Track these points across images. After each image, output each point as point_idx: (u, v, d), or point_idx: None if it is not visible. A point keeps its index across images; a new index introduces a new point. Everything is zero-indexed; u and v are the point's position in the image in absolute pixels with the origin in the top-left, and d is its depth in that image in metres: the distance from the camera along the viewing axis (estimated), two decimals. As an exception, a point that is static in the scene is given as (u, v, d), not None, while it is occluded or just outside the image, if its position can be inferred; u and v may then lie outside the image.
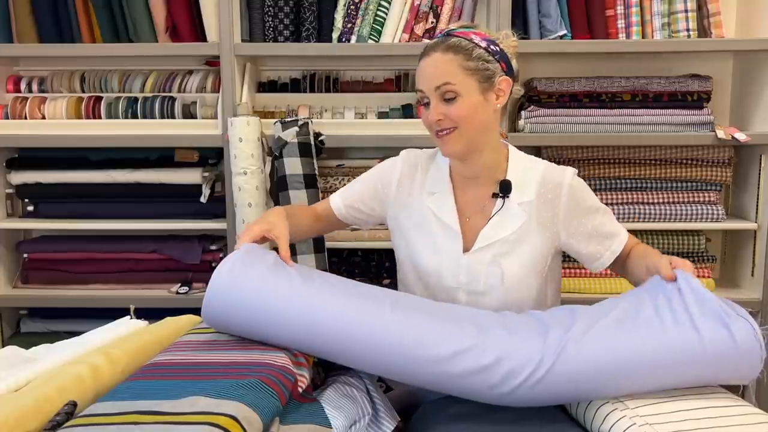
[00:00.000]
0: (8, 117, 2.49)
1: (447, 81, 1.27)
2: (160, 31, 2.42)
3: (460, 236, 1.36)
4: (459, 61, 1.27)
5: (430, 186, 1.42)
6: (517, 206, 1.35)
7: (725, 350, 1.05)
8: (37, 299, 2.52)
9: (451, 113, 1.29)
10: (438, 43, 1.30)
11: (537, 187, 1.36)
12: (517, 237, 1.35)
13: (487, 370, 1.09)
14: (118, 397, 0.91)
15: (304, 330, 1.13)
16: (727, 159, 2.44)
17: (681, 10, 2.37)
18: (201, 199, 2.47)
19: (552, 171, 1.39)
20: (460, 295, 1.37)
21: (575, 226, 1.37)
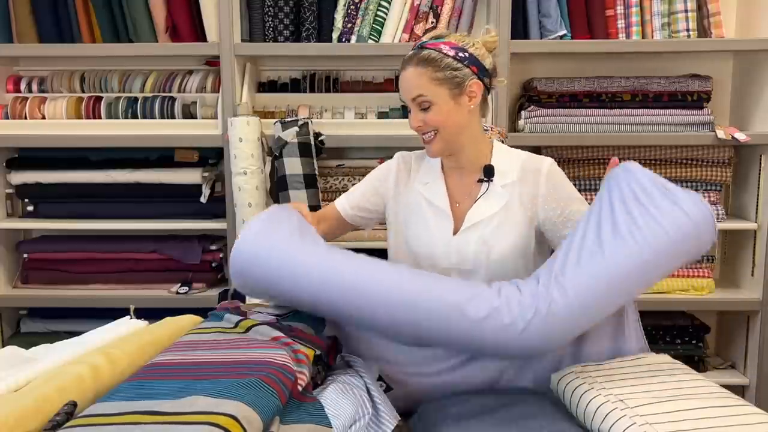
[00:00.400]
0: (8, 117, 2.49)
1: (420, 93, 1.42)
2: (160, 31, 2.42)
3: (451, 218, 1.49)
4: (429, 73, 1.41)
5: (423, 177, 1.55)
6: (501, 188, 1.48)
7: (685, 227, 1.21)
8: (37, 299, 2.52)
9: (428, 120, 1.43)
10: (411, 56, 1.44)
11: (518, 172, 1.49)
12: (502, 216, 1.47)
13: (498, 312, 1.19)
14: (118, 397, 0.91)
15: (327, 283, 1.25)
16: (727, 159, 2.44)
17: (681, 10, 2.37)
18: (201, 199, 2.47)
19: (532, 158, 1.52)
20: (452, 276, 1.46)
21: (553, 208, 1.48)
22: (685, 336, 2.51)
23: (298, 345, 1.15)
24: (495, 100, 2.36)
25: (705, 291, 2.45)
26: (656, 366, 1.24)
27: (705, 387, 1.13)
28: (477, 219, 1.46)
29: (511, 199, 1.47)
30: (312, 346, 1.19)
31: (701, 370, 2.46)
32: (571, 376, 1.21)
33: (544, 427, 1.09)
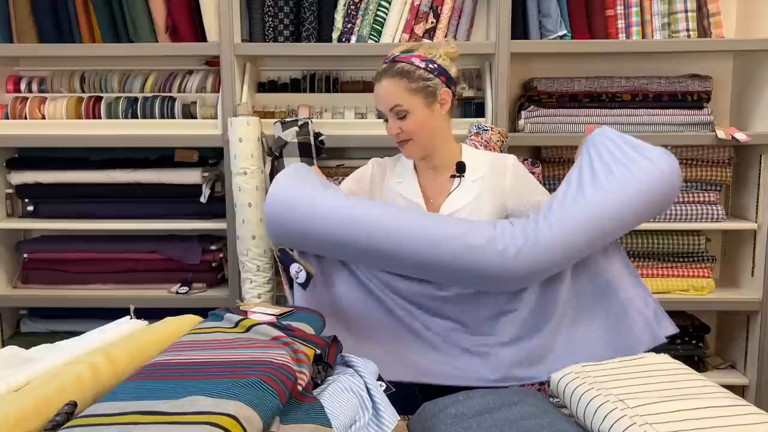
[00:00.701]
0: (8, 117, 2.49)
1: (397, 103, 1.57)
2: (160, 31, 2.42)
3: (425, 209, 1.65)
4: (404, 84, 1.56)
5: (397, 177, 1.71)
6: (471, 182, 1.64)
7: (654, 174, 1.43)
8: (37, 299, 2.52)
9: (405, 127, 1.58)
10: (386, 69, 1.58)
11: (487, 168, 1.65)
12: (473, 207, 1.62)
13: (494, 240, 1.41)
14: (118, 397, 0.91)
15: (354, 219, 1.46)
16: (727, 159, 2.44)
17: (681, 10, 2.37)
18: (201, 199, 2.47)
19: (499, 156, 1.71)
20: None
21: (518, 196, 1.65)
22: (685, 336, 2.51)
23: (298, 345, 1.15)
24: (495, 100, 2.36)
25: (705, 291, 2.46)
26: (656, 366, 1.23)
27: (705, 387, 1.13)
28: (450, 210, 1.62)
29: (481, 192, 1.63)
30: (312, 346, 1.19)
31: (701, 370, 2.47)
32: (571, 376, 1.21)
33: (544, 427, 1.09)
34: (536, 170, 2.32)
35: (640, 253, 2.48)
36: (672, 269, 2.48)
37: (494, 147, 2.30)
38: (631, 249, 2.47)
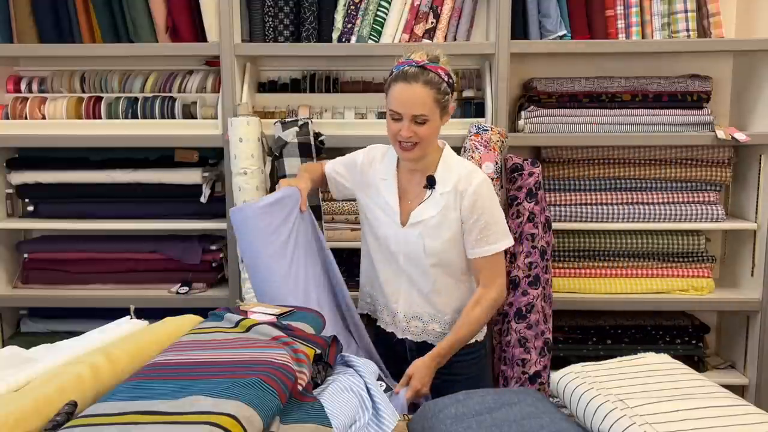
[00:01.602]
0: (8, 117, 2.49)
1: (424, 111, 1.62)
2: (160, 31, 2.42)
3: (398, 214, 1.75)
4: (433, 95, 1.62)
5: (381, 174, 1.80)
6: (440, 195, 1.71)
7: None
8: (37, 299, 2.52)
9: (419, 133, 1.64)
10: (418, 74, 1.61)
11: (454, 183, 1.71)
12: (438, 219, 1.71)
13: None
14: (118, 397, 0.91)
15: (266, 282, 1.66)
16: (727, 159, 2.44)
17: (681, 11, 2.37)
18: (201, 199, 2.47)
19: (468, 172, 1.73)
20: (400, 258, 1.75)
21: (467, 216, 1.71)
22: (685, 336, 2.51)
23: (298, 344, 1.15)
24: (495, 101, 2.36)
25: (705, 291, 2.46)
26: (656, 366, 1.24)
27: (705, 387, 1.13)
28: (418, 219, 1.72)
29: (447, 205, 1.71)
30: (312, 346, 1.19)
31: (701, 370, 2.47)
32: (571, 376, 1.22)
33: (544, 427, 1.09)
34: (536, 170, 2.32)
35: (640, 253, 2.48)
36: (672, 269, 2.48)
37: (494, 147, 2.30)
38: (631, 249, 2.47)
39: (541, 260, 2.29)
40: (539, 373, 2.27)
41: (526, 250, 2.29)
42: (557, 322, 2.43)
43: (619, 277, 2.48)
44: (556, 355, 2.42)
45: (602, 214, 2.44)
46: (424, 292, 1.76)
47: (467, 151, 2.33)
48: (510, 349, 2.30)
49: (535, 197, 2.30)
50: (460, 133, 2.38)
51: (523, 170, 2.33)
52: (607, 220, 2.44)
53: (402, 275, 1.77)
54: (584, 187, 2.46)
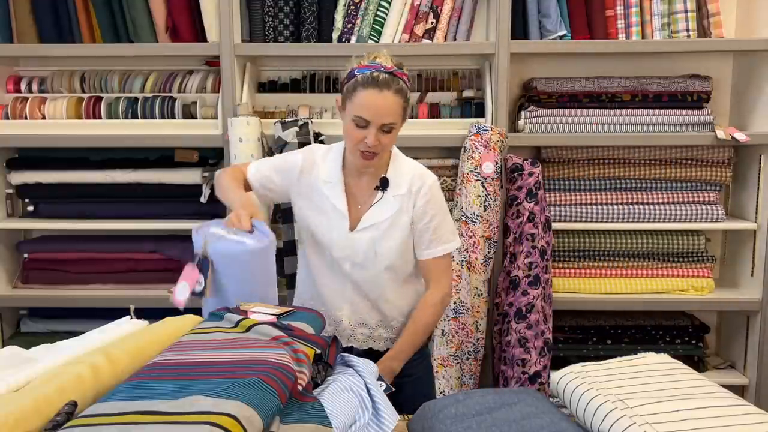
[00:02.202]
0: (8, 117, 2.49)
1: (394, 120, 1.55)
2: (160, 31, 2.42)
3: (347, 218, 1.65)
4: (402, 103, 1.55)
5: (325, 176, 1.67)
6: (392, 198, 1.65)
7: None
8: (37, 299, 2.52)
9: (384, 141, 1.56)
10: (389, 81, 1.54)
11: (408, 184, 1.66)
12: (390, 222, 1.65)
13: None
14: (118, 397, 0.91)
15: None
16: (727, 159, 2.44)
17: (681, 11, 2.37)
18: (201, 199, 2.47)
19: (419, 173, 1.69)
20: (346, 265, 1.66)
21: (420, 218, 1.67)
22: (685, 336, 2.51)
23: (298, 344, 1.15)
24: (495, 100, 2.36)
25: (705, 291, 2.46)
26: (656, 366, 1.23)
27: (705, 387, 1.13)
28: (370, 223, 1.64)
29: (401, 208, 1.65)
30: (312, 346, 1.19)
31: (701, 370, 2.47)
32: (571, 376, 1.21)
33: (544, 427, 1.09)
34: (536, 170, 2.32)
35: (640, 253, 2.48)
36: (672, 269, 2.48)
37: (494, 147, 2.30)
38: (631, 249, 2.47)
39: (541, 260, 2.29)
40: (539, 373, 2.27)
41: (526, 250, 2.29)
42: (557, 322, 2.43)
43: (619, 277, 2.48)
44: (556, 355, 2.42)
45: (602, 214, 2.44)
46: (372, 297, 1.68)
47: (467, 151, 2.33)
48: (510, 349, 2.30)
49: (535, 197, 2.30)
50: (460, 133, 2.38)
51: (523, 170, 2.33)
52: (607, 220, 2.44)
53: (347, 282, 1.68)
54: (584, 187, 2.46)
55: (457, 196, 2.37)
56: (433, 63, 2.59)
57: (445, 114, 2.49)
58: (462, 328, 2.32)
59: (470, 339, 2.34)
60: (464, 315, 2.31)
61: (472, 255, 2.30)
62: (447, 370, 2.32)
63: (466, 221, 2.31)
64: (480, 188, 2.30)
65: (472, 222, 2.30)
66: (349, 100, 1.56)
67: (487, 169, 2.30)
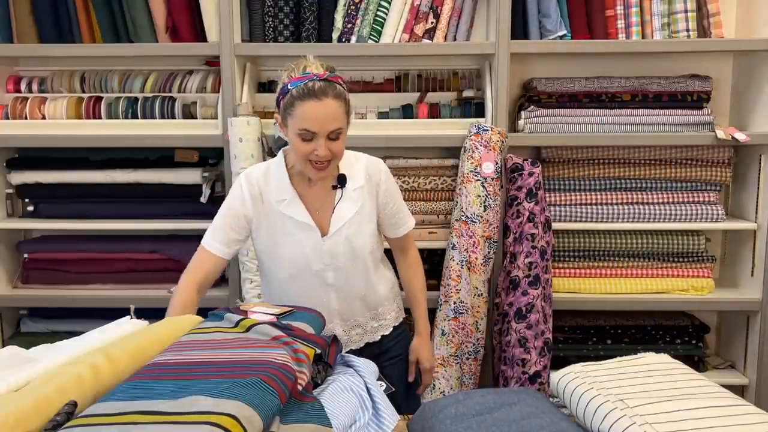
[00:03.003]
0: (8, 117, 2.49)
1: (339, 126, 1.52)
2: (160, 31, 2.42)
3: (316, 228, 1.63)
4: (343, 107, 1.54)
5: (277, 195, 1.63)
6: (353, 192, 1.65)
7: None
8: (37, 299, 2.52)
9: (334, 149, 1.53)
10: (326, 88, 1.51)
11: (364, 175, 1.67)
12: (359, 215, 1.65)
13: None
14: (118, 397, 0.91)
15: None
16: (727, 159, 2.44)
17: (681, 11, 2.37)
18: (201, 199, 2.47)
19: (371, 162, 1.70)
20: (328, 274, 1.65)
21: (387, 202, 1.70)
22: (685, 336, 2.51)
23: (298, 344, 1.15)
24: (495, 100, 2.36)
25: (705, 291, 2.46)
26: (656, 366, 1.24)
27: (705, 387, 1.13)
28: (341, 223, 1.63)
29: (364, 201, 1.67)
30: (312, 346, 1.19)
31: (701, 370, 2.47)
32: (571, 376, 1.22)
33: (544, 427, 1.09)
34: (536, 170, 2.32)
35: (640, 253, 2.48)
36: (672, 269, 2.48)
37: (494, 147, 2.30)
38: (631, 249, 2.47)
39: (541, 260, 2.29)
40: (539, 373, 2.27)
41: (526, 250, 2.29)
42: (557, 322, 2.43)
43: (619, 277, 2.48)
44: (556, 355, 2.43)
45: (602, 214, 2.44)
46: (359, 295, 1.70)
47: (467, 151, 2.33)
48: (510, 349, 2.30)
49: (535, 197, 2.30)
50: (460, 133, 2.38)
51: (523, 170, 2.33)
52: (607, 220, 2.44)
53: (331, 293, 1.67)
54: (584, 187, 2.46)
55: (457, 196, 2.37)
56: (433, 63, 2.59)
57: (445, 114, 2.50)
58: (462, 328, 2.32)
59: (470, 339, 2.34)
60: (464, 315, 2.31)
61: (472, 255, 2.30)
62: (447, 370, 2.32)
63: (466, 221, 2.31)
64: (480, 188, 2.30)
65: (472, 222, 2.30)
66: (289, 116, 1.52)
67: (487, 169, 2.30)
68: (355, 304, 1.71)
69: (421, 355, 1.80)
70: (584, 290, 2.47)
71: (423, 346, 1.81)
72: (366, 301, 1.72)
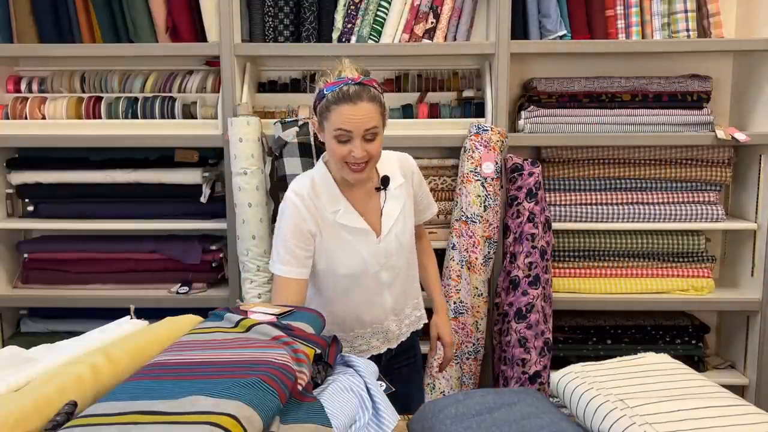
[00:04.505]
0: (8, 117, 2.49)
1: (374, 125, 1.55)
2: (160, 32, 2.42)
3: (373, 232, 1.66)
4: (378, 108, 1.56)
5: (330, 207, 1.64)
6: (395, 190, 1.71)
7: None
8: (37, 299, 2.52)
9: (370, 150, 1.55)
10: (360, 92, 1.54)
11: (400, 172, 1.73)
12: (403, 213, 1.72)
13: None
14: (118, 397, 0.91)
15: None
16: (727, 159, 2.44)
17: (681, 11, 2.37)
18: (201, 199, 2.47)
19: (401, 157, 1.77)
20: (383, 274, 1.69)
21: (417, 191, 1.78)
22: (685, 336, 2.51)
23: (298, 344, 1.15)
24: (495, 100, 2.36)
25: (705, 291, 2.46)
26: (656, 366, 1.24)
27: (705, 387, 1.13)
28: (391, 223, 1.68)
29: (407, 197, 1.74)
30: (312, 345, 1.19)
31: (701, 370, 2.47)
32: (571, 376, 1.22)
33: (544, 427, 1.09)
34: (536, 170, 2.32)
35: (640, 253, 2.48)
36: (672, 269, 2.48)
37: (494, 147, 2.30)
38: (631, 249, 2.47)
39: (541, 260, 2.29)
40: (539, 373, 2.27)
41: (526, 250, 2.29)
42: (557, 322, 2.43)
43: (619, 277, 2.48)
44: (556, 355, 2.43)
45: (602, 214, 2.44)
46: (405, 287, 1.76)
47: (467, 151, 2.33)
48: (510, 349, 2.30)
49: (535, 197, 2.30)
50: (460, 133, 2.38)
51: (523, 170, 2.33)
52: (607, 220, 2.44)
53: (386, 292, 1.70)
54: (584, 187, 2.46)
55: (457, 196, 2.37)
56: (433, 63, 2.59)
57: (445, 114, 2.50)
58: (462, 328, 2.32)
59: (470, 339, 2.34)
60: (464, 315, 2.31)
61: (472, 255, 2.30)
62: (447, 370, 2.32)
63: (466, 221, 2.31)
64: (480, 188, 2.30)
65: (472, 222, 2.30)
66: (325, 120, 1.55)
67: (487, 169, 2.30)
68: (404, 298, 1.77)
69: (442, 330, 1.87)
70: (584, 290, 2.47)
71: (444, 322, 1.88)
72: (414, 291, 1.81)
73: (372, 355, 1.74)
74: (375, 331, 1.73)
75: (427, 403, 1.29)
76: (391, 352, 1.77)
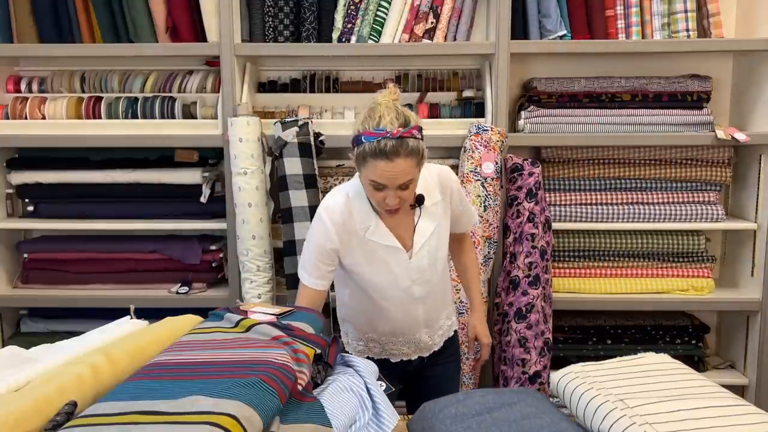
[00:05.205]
0: (8, 117, 2.49)
1: (410, 179, 1.54)
2: (160, 32, 2.42)
3: (404, 249, 1.66)
4: (415, 161, 1.53)
5: (362, 223, 1.65)
6: (431, 207, 1.68)
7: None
8: (37, 299, 2.52)
9: (405, 196, 1.56)
10: (397, 148, 1.49)
11: (438, 189, 1.70)
12: (437, 230, 1.70)
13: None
14: (118, 397, 0.91)
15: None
16: (727, 159, 2.44)
17: (681, 11, 2.37)
18: (201, 199, 2.47)
19: (442, 172, 1.72)
20: (414, 289, 1.69)
21: (457, 204, 1.76)
22: (685, 336, 2.51)
23: (298, 344, 1.15)
24: (495, 100, 2.36)
25: (705, 291, 2.46)
26: (656, 366, 1.24)
27: (705, 387, 1.13)
28: (423, 240, 1.67)
29: (442, 214, 1.71)
30: (312, 346, 1.19)
31: (701, 370, 2.47)
32: (571, 376, 1.22)
33: (544, 427, 1.09)
34: (536, 170, 2.32)
35: (640, 253, 2.48)
36: (672, 269, 2.48)
37: (494, 147, 2.30)
38: (631, 249, 2.47)
39: (541, 260, 2.29)
40: (539, 373, 2.27)
41: (526, 250, 2.29)
42: (557, 322, 2.43)
43: (619, 277, 2.48)
44: (556, 355, 2.42)
45: (602, 214, 2.44)
46: (439, 298, 1.76)
47: (467, 151, 2.33)
48: (510, 349, 2.30)
49: (535, 197, 2.30)
50: (460, 133, 2.38)
51: (523, 170, 2.33)
52: (607, 220, 2.44)
53: (419, 306, 1.71)
54: (584, 187, 2.46)
55: (457, 196, 2.37)
56: (433, 63, 2.59)
57: (445, 114, 2.50)
58: (462, 328, 2.32)
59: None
60: (464, 315, 2.31)
61: (472, 255, 2.30)
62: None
63: (466, 221, 2.31)
64: (480, 188, 2.30)
65: (472, 222, 2.30)
66: (362, 166, 1.54)
67: (487, 169, 2.30)
68: (437, 310, 1.77)
69: (480, 331, 1.88)
70: (584, 290, 2.47)
71: (481, 323, 1.89)
72: (445, 302, 1.81)
73: (402, 360, 1.78)
74: (407, 341, 1.75)
75: (427, 403, 1.29)
76: (423, 359, 1.80)
